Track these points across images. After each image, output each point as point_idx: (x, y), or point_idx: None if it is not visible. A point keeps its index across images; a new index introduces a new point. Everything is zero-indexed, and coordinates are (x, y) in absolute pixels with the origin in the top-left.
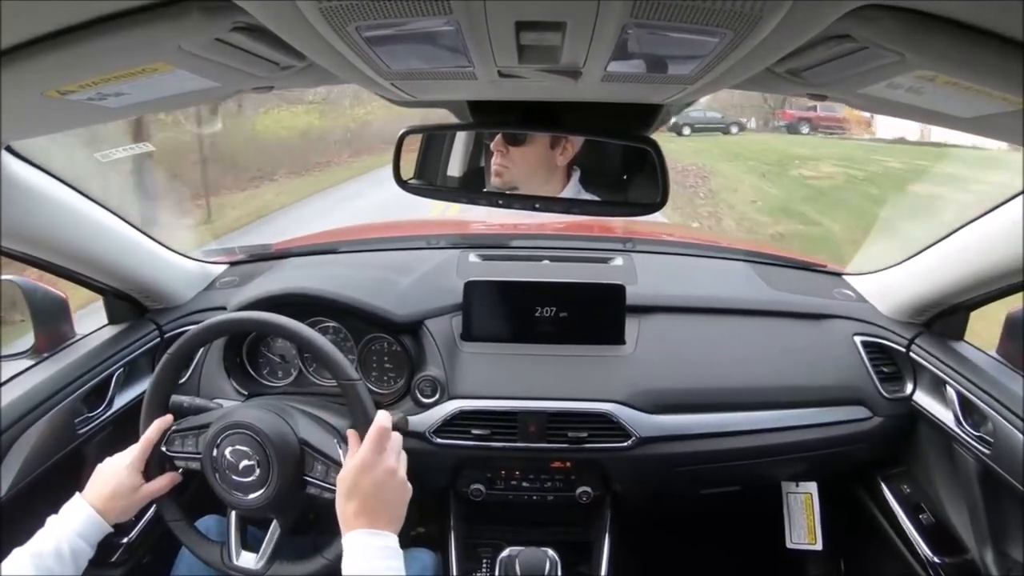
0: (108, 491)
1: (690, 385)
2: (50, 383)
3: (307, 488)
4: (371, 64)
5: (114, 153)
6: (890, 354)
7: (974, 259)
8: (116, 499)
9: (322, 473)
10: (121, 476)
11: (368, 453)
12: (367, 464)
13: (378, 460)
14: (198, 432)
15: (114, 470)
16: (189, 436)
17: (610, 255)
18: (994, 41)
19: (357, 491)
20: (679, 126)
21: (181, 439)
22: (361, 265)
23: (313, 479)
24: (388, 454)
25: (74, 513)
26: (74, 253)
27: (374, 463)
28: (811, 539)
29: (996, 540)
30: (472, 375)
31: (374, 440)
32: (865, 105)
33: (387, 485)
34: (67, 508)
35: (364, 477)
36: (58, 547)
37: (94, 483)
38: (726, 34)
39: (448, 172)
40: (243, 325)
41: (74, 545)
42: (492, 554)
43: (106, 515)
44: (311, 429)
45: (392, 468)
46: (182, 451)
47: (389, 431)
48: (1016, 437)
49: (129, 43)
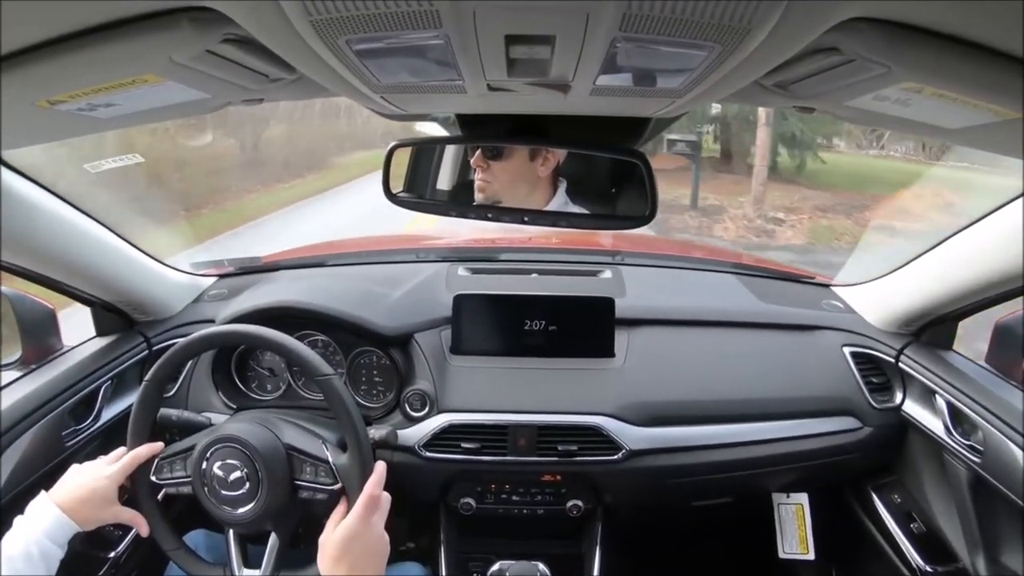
0: (81, 494)
1: (680, 397)
2: (37, 395)
3: (299, 493)
4: (361, 77)
5: (103, 164)
6: (879, 364)
7: (962, 269)
8: (87, 505)
9: (312, 475)
10: (100, 484)
11: (359, 523)
12: (357, 533)
13: (368, 527)
14: (185, 455)
15: (93, 476)
16: (177, 461)
17: (599, 268)
18: (980, 52)
19: (348, 556)
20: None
21: (169, 465)
22: (350, 278)
23: (304, 482)
24: (378, 518)
25: (41, 513)
26: (63, 264)
27: (364, 530)
28: (803, 549)
29: (988, 548)
30: (461, 389)
31: (366, 508)
32: (853, 117)
33: (376, 547)
34: (33, 508)
35: (355, 544)
36: (27, 549)
37: (65, 483)
38: (714, 48)
39: (438, 185)
40: (217, 339)
41: (43, 546)
42: (483, 568)
43: (72, 516)
44: (296, 434)
45: (380, 532)
46: (171, 477)
47: (379, 498)
48: (1006, 446)
49: (119, 54)
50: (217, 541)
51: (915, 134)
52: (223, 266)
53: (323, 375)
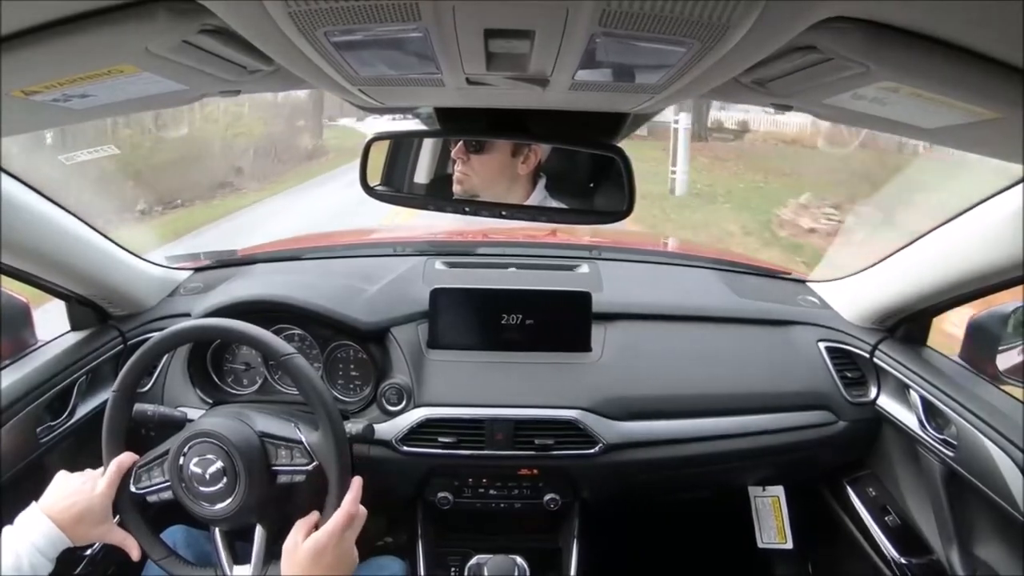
0: (75, 512)
1: (656, 392)
2: (11, 391)
3: (278, 479)
4: (339, 70)
5: (78, 156)
6: (854, 359)
7: (936, 266)
8: (82, 523)
9: (287, 457)
10: (93, 503)
11: (331, 538)
12: (329, 547)
13: (340, 542)
14: (162, 460)
15: (85, 494)
16: (154, 467)
17: (576, 262)
18: (958, 53)
19: (316, 569)
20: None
21: (147, 473)
22: (327, 272)
23: (281, 466)
24: (350, 535)
25: (33, 527)
26: (37, 257)
27: (337, 544)
28: (781, 539)
29: (961, 540)
30: (438, 383)
31: (342, 524)
32: (830, 115)
33: (343, 562)
34: (25, 520)
35: (324, 557)
36: (18, 563)
37: (56, 497)
38: (693, 44)
39: (415, 179)
40: (169, 340)
41: (34, 560)
42: (461, 562)
43: (66, 531)
44: (267, 421)
45: (350, 546)
46: (151, 485)
47: (356, 515)
48: (979, 440)
49: (95, 44)
50: (196, 536)
51: (892, 133)
52: (199, 259)
53: (284, 355)
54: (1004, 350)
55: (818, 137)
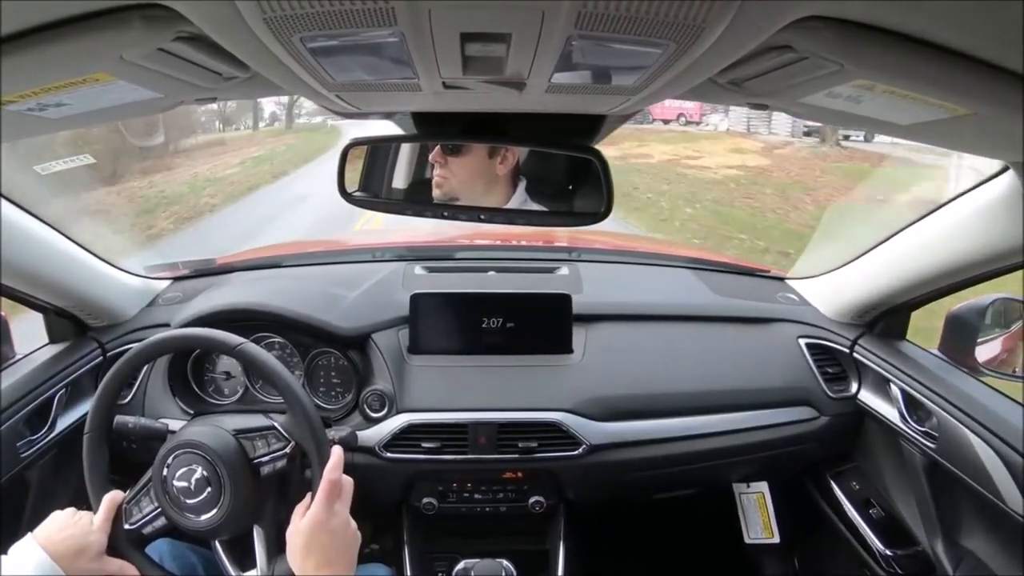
0: (71, 545)
1: (638, 391)
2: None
3: (261, 471)
4: (315, 75)
5: (54, 165)
6: (834, 355)
7: (914, 260)
8: (80, 559)
9: (264, 447)
10: (91, 540)
11: (322, 511)
12: (321, 521)
13: (331, 515)
14: (147, 488)
15: (82, 528)
16: (142, 497)
17: (556, 265)
18: (931, 51)
19: (316, 546)
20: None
21: (136, 506)
22: (306, 279)
23: (261, 458)
24: (341, 505)
25: (28, 559)
26: (13, 269)
27: (328, 518)
28: (768, 533)
29: (945, 531)
30: (420, 388)
31: (327, 494)
32: (806, 114)
33: (343, 535)
34: (20, 552)
35: (321, 533)
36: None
37: (52, 530)
38: (669, 45)
39: (393, 184)
40: (135, 359)
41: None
42: (447, 567)
43: (61, 565)
44: (239, 419)
45: (345, 519)
46: (143, 516)
47: (339, 483)
48: (960, 431)
49: (69, 53)
50: (181, 549)
51: (867, 130)
52: (177, 268)
53: (235, 345)
54: (983, 342)
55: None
